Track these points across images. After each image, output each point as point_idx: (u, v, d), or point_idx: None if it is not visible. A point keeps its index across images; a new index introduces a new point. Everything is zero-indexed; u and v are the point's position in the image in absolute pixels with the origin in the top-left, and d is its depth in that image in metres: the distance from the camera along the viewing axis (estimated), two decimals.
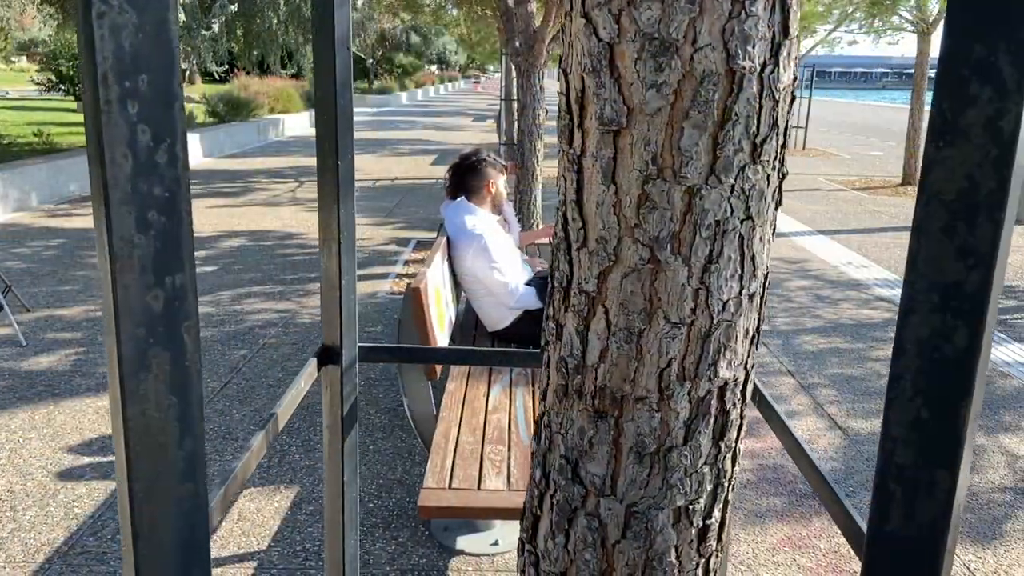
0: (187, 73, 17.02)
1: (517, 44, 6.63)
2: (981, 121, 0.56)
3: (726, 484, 0.99)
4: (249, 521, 2.88)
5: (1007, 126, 0.55)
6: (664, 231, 0.87)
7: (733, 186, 0.87)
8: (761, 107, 0.85)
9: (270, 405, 3.86)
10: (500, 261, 3.38)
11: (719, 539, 1.01)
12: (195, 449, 0.63)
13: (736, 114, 0.84)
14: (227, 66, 22.35)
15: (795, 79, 0.89)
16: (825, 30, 15.95)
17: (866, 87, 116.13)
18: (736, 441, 0.99)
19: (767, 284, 0.96)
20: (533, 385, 2.96)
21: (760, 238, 0.91)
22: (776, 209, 0.93)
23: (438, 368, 2.94)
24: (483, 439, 2.52)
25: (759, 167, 0.88)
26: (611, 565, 0.97)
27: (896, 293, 6.15)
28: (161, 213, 0.57)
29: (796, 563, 2.74)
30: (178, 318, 0.59)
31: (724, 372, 0.93)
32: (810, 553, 2.80)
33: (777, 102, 0.87)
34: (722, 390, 0.94)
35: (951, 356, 0.59)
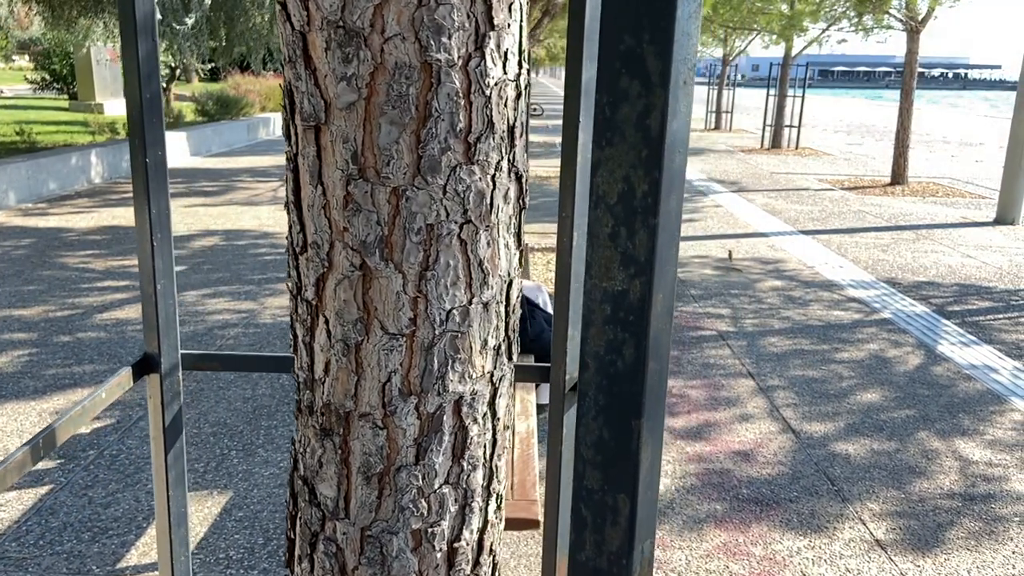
0: (177, 71, 16.96)
1: None
2: (633, 118, 0.51)
3: (477, 504, 0.93)
4: None
5: (654, 124, 0.50)
6: (372, 235, 0.81)
7: (445, 187, 0.81)
8: (470, 103, 0.79)
9: (215, 409, 3.81)
10: None
11: (477, 563, 0.95)
12: None
13: (437, 110, 0.78)
14: (212, 64, 22.33)
15: (520, 73, 0.83)
16: (818, 28, 15.88)
17: (869, 86, 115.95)
18: (490, 458, 0.93)
19: (511, 292, 0.89)
20: None
21: (488, 243, 0.85)
22: (520, 213, 0.87)
23: None
24: None
25: (476, 168, 0.82)
26: None
27: (869, 294, 6.09)
28: None
29: (729, 570, 2.69)
30: None
31: (457, 386, 0.87)
32: (744, 560, 2.75)
33: (489, 98, 0.81)
34: (458, 405, 0.88)
35: (623, 372, 0.55)
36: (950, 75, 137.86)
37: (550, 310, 4.04)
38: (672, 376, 4.34)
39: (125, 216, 8.36)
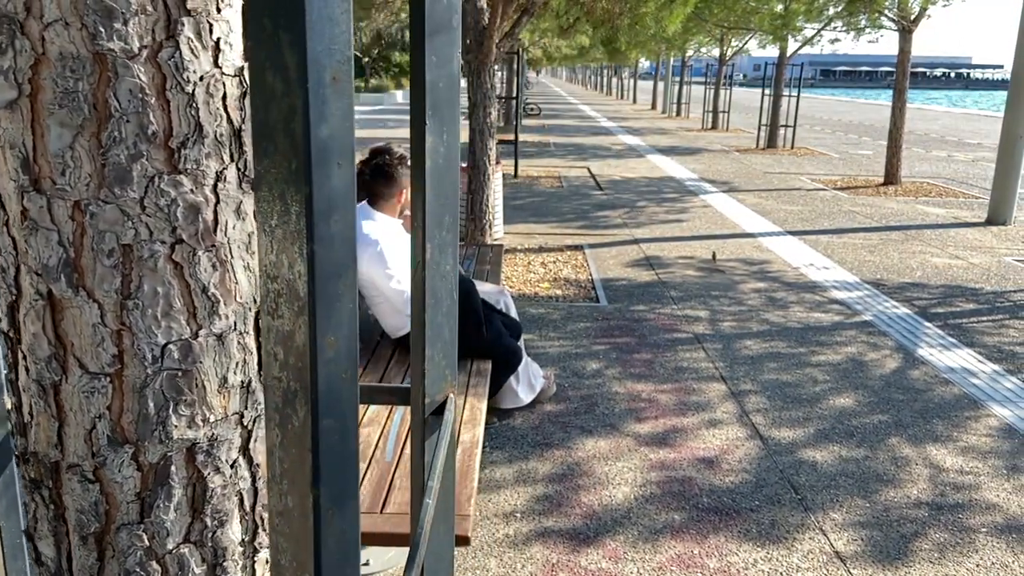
0: None
1: (467, 41, 6.50)
2: (282, 122, 0.42)
3: (234, 563, 0.83)
4: None
5: (298, 129, 0.41)
6: (54, 257, 0.71)
7: (142, 201, 0.71)
8: (167, 101, 0.69)
9: None
10: (395, 268, 3.25)
11: None
12: None
13: (119, 109, 0.68)
14: None
15: (245, 69, 0.73)
16: (813, 28, 15.77)
17: (871, 85, 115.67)
18: (253, 509, 0.83)
19: (259, 319, 0.79)
20: None
21: (215, 266, 0.75)
22: (255, 232, 0.77)
23: None
24: None
25: (183, 178, 0.71)
26: None
27: (852, 296, 5.99)
28: None
29: None
30: None
31: (186, 432, 0.77)
32: (698, 573, 2.65)
33: (193, 95, 0.70)
34: (191, 453, 0.78)
35: (298, 430, 0.46)
36: (952, 75, 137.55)
37: (513, 313, 3.94)
38: (642, 380, 4.25)
39: None
